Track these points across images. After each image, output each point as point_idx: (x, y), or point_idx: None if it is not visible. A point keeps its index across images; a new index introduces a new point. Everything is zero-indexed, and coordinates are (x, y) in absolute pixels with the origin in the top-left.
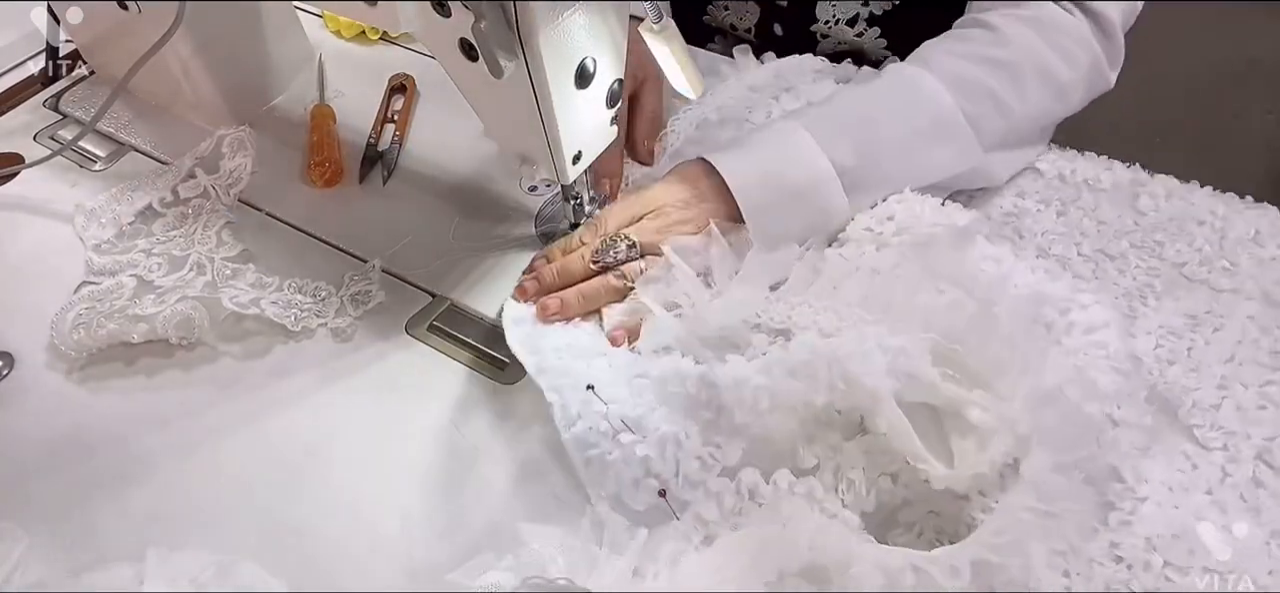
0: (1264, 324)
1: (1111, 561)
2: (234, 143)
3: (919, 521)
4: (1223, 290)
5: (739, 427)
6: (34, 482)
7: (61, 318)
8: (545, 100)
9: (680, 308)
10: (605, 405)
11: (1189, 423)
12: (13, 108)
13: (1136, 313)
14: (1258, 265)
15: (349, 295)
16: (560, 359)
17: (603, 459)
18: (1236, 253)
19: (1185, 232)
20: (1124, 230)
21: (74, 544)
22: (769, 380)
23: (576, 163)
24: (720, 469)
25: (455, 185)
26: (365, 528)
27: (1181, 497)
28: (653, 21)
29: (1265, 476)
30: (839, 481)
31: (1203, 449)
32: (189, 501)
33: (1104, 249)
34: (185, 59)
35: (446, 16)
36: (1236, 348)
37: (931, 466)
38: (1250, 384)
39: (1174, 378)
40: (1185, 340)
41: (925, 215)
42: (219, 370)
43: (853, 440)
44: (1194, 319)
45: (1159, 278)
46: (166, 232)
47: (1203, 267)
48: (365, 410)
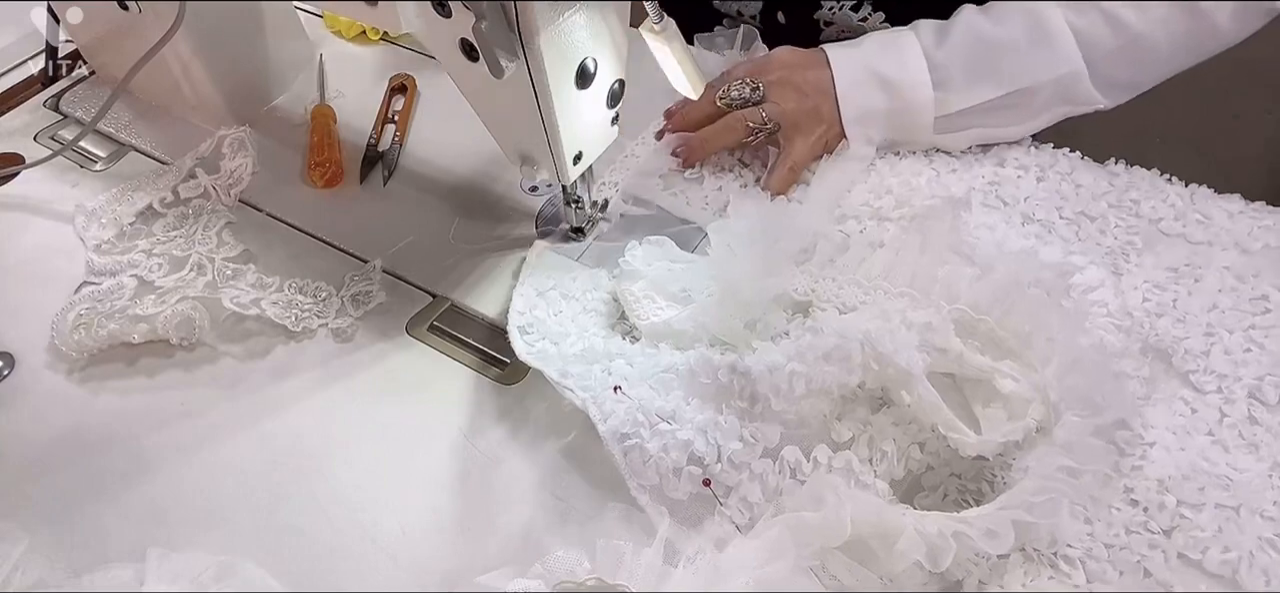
0: (1239, 273)
1: (1127, 504)
2: (234, 143)
3: (943, 483)
4: (1198, 243)
5: (775, 412)
6: (34, 482)
7: (62, 318)
8: (546, 100)
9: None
10: (634, 400)
11: (1184, 370)
12: (13, 108)
13: (1121, 270)
14: (1229, 218)
15: (349, 296)
16: (580, 365)
17: (641, 449)
18: (1207, 207)
19: (1158, 189)
20: (1100, 192)
21: (74, 544)
22: (804, 366)
23: (577, 163)
24: (762, 450)
25: (455, 185)
26: (365, 528)
27: (1186, 439)
28: (653, 21)
29: (1259, 412)
30: (873, 452)
31: (1199, 393)
32: (189, 501)
33: (1084, 211)
34: (185, 59)
35: (447, 17)
36: (1217, 296)
37: (963, 435)
38: (1234, 329)
39: (1164, 330)
40: (1170, 293)
41: (921, 187)
42: (219, 371)
43: (880, 413)
44: (1175, 272)
45: (1138, 235)
46: (167, 232)
47: (1177, 221)
48: (366, 411)
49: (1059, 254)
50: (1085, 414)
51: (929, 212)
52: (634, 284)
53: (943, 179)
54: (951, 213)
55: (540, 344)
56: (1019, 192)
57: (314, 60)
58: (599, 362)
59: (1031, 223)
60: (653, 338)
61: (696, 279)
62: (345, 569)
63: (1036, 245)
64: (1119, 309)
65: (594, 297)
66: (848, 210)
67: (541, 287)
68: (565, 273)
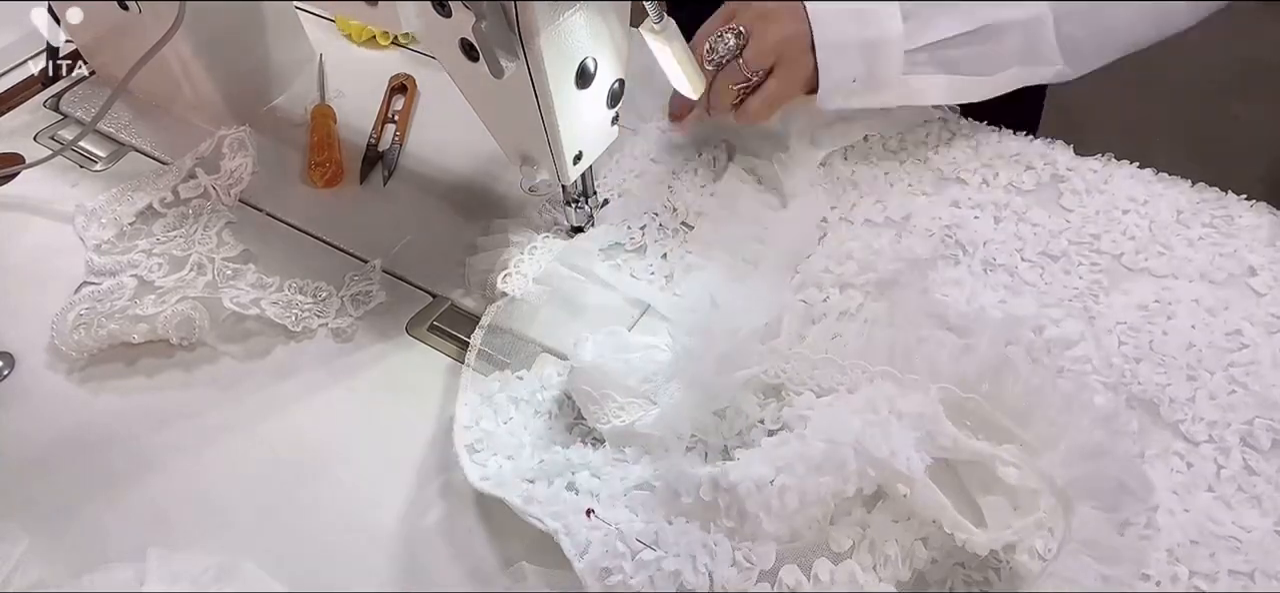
0: (1209, 306)
1: (1140, 580)
2: (234, 143)
3: (948, 575)
4: (1163, 276)
5: (767, 531)
6: (34, 482)
7: (62, 318)
8: (546, 100)
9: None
10: (611, 525)
11: (1173, 420)
12: (13, 108)
13: (1093, 312)
14: (1189, 246)
15: (349, 296)
16: (542, 484)
17: (625, 584)
18: (1166, 237)
19: (1114, 221)
20: (1058, 229)
21: (74, 545)
22: (795, 479)
23: (577, 163)
24: (758, 574)
25: (455, 185)
26: (365, 529)
27: (1188, 499)
28: (653, 21)
29: (1254, 461)
30: (876, 558)
31: (1192, 444)
32: (189, 501)
33: (1046, 251)
34: (185, 59)
35: (447, 17)
36: (1192, 334)
37: (972, 534)
38: (1215, 370)
39: (1146, 377)
40: (1145, 334)
41: (884, 249)
42: (219, 371)
43: (876, 510)
44: (1146, 310)
45: (1104, 273)
46: (167, 232)
47: (1139, 254)
48: (366, 411)
49: (1032, 306)
50: (1104, 507)
51: (895, 277)
52: (587, 382)
53: (905, 241)
54: (919, 276)
55: (493, 463)
56: (977, 235)
57: (314, 60)
58: (562, 474)
59: (995, 269)
60: (616, 442)
61: (656, 371)
62: (345, 569)
63: (1007, 298)
64: (1103, 363)
65: (545, 397)
66: (807, 278)
67: (487, 392)
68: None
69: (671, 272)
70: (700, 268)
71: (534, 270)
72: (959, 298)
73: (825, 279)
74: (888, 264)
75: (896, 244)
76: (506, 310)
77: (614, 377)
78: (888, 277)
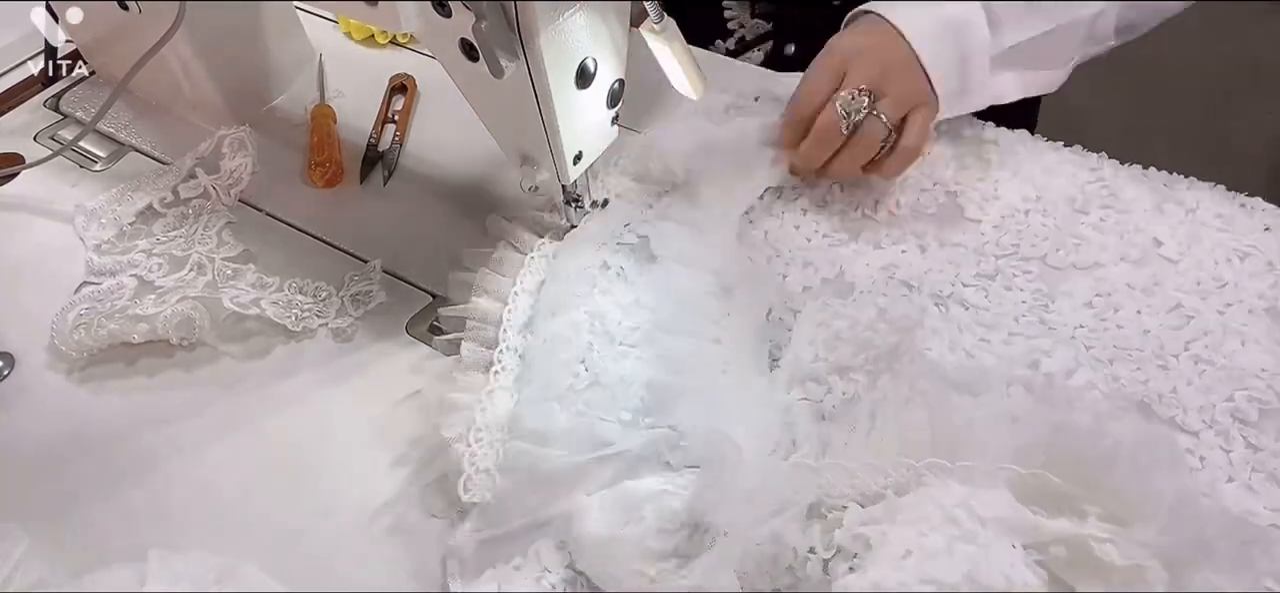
0: (1141, 284)
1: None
2: (234, 143)
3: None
4: (1088, 266)
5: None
6: (34, 482)
7: (62, 318)
8: (546, 101)
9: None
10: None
11: (1167, 416)
12: (13, 108)
13: (1052, 325)
14: (1095, 232)
15: (350, 296)
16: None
17: None
18: (1073, 227)
19: (1022, 225)
20: (978, 245)
21: (74, 545)
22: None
23: (577, 163)
24: None
25: (455, 185)
26: (365, 529)
27: (1217, 496)
28: (654, 21)
29: (1253, 436)
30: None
31: (1195, 437)
32: (189, 501)
33: (981, 272)
34: (185, 59)
35: (447, 17)
36: (1140, 319)
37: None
38: (1177, 351)
39: (1127, 377)
40: (1105, 334)
41: (873, 321)
42: (220, 371)
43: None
44: (1093, 308)
45: (1040, 279)
46: (167, 232)
47: (1058, 250)
48: (366, 411)
49: (1021, 344)
50: (1223, 569)
51: (894, 348)
52: (602, 560)
53: (887, 305)
54: (912, 340)
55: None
56: (913, 270)
57: (314, 60)
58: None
59: (945, 304)
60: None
61: (672, 518)
62: (345, 569)
63: (985, 335)
64: (1109, 384)
65: (551, 579)
66: (799, 372)
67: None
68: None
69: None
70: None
71: (490, 458)
72: (941, 348)
73: (820, 369)
74: (885, 338)
75: (883, 316)
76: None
77: (631, 544)
78: (887, 350)
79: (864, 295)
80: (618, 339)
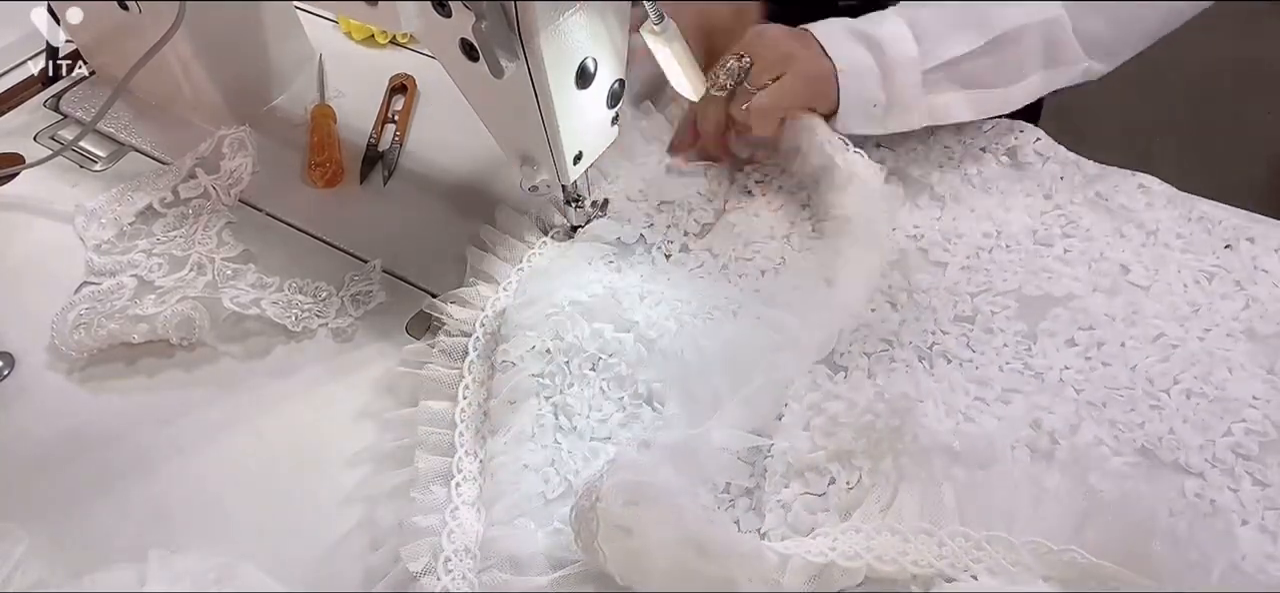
0: (1120, 315)
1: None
2: (234, 143)
3: None
4: (1062, 298)
5: None
6: (34, 482)
7: (62, 318)
8: (546, 100)
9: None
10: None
11: (1171, 459)
12: (13, 108)
13: (1039, 371)
14: (1063, 263)
15: (350, 296)
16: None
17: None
18: (1040, 261)
19: (989, 262)
20: (950, 286)
21: (74, 545)
22: None
23: (577, 163)
24: None
25: (455, 185)
26: (365, 529)
27: (1240, 544)
28: (653, 22)
29: (1258, 472)
30: None
31: (1200, 478)
32: (190, 501)
33: (959, 314)
34: (185, 59)
35: (447, 17)
36: (1125, 354)
37: None
38: (1167, 386)
39: (1123, 420)
40: (1094, 375)
41: (871, 405)
42: (220, 371)
43: None
44: (1075, 345)
45: (1017, 318)
46: (167, 232)
47: (1033, 278)
48: (366, 411)
49: (1022, 410)
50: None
51: (889, 432)
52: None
53: (888, 394)
54: (913, 416)
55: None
56: (883, 328)
57: (314, 60)
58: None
59: (930, 359)
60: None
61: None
62: (345, 569)
63: (979, 393)
64: (1113, 438)
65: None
66: (796, 464)
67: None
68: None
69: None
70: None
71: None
72: (937, 414)
73: (819, 459)
74: (887, 421)
75: (878, 396)
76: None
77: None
78: (889, 430)
79: (855, 372)
80: (587, 434)
